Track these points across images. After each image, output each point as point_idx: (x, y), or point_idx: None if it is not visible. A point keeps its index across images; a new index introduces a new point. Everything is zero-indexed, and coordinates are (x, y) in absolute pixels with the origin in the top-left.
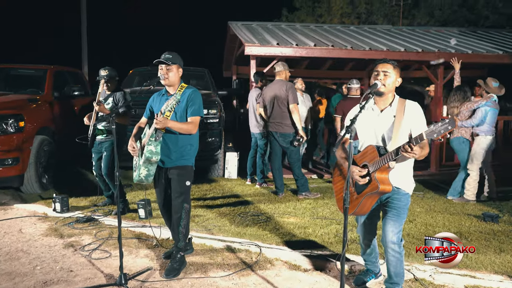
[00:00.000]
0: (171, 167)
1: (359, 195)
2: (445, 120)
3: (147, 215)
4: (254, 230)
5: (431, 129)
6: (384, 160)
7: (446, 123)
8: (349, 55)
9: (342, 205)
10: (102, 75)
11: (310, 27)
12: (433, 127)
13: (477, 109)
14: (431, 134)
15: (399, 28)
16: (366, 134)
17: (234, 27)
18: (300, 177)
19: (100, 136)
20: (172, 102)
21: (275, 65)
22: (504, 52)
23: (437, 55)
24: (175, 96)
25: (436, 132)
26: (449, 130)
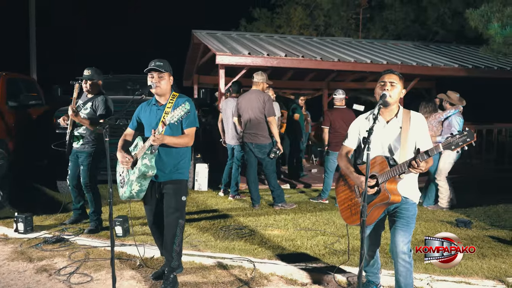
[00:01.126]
0: (166, 182)
1: (367, 205)
2: (463, 132)
3: (125, 233)
4: (242, 244)
5: (448, 141)
6: (395, 171)
7: (464, 135)
8: (319, 66)
9: (347, 216)
10: (84, 75)
11: (274, 37)
12: (451, 139)
13: (450, 119)
14: (448, 147)
15: (358, 41)
16: (372, 145)
17: (199, 35)
18: (276, 188)
19: (76, 143)
20: (180, 113)
21: (254, 74)
22: (460, 66)
23: (401, 67)
24: (183, 107)
25: (454, 144)
26: (467, 142)
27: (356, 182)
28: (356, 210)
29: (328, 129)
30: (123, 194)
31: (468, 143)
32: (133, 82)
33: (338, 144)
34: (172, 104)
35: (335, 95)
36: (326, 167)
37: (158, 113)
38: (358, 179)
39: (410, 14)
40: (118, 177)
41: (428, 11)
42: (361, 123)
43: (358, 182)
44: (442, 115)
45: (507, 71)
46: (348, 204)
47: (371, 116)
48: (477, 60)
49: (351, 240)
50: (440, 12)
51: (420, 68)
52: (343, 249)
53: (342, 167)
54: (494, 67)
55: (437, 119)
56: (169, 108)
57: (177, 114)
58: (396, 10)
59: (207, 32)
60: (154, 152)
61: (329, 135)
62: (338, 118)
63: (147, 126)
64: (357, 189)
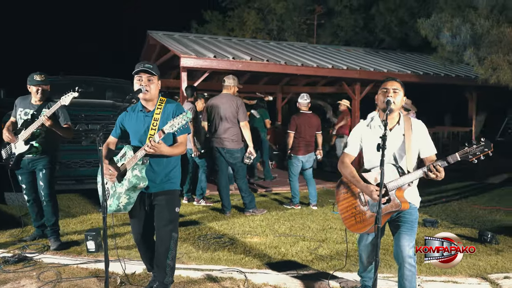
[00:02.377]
0: (157, 193)
1: (374, 213)
2: (480, 141)
3: (98, 248)
4: (227, 254)
5: (465, 151)
6: (408, 179)
7: (482, 145)
8: (283, 70)
9: (351, 224)
10: (37, 80)
11: (232, 40)
12: (468, 149)
13: None
14: (465, 156)
15: (313, 46)
16: (376, 152)
17: (155, 36)
18: (247, 193)
19: (32, 154)
20: (181, 122)
21: (225, 78)
22: (412, 72)
23: (359, 72)
24: (184, 115)
25: (472, 154)
26: (485, 152)
27: (365, 191)
28: (362, 218)
29: (293, 133)
30: (108, 207)
31: (485, 153)
32: (88, 84)
33: (302, 148)
34: (161, 110)
35: (300, 100)
36: (291, 171)
37: (146, 120)
38: (367, 188)
39: (359, 21)
40: (101, 189)
41: (376, 19)
42: (362, 130)
43: (368, 191)
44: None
45: (452, 77)
46: (352, 212)
47: (372, 123)
48: (424, 67)
49: (334, 245)
50: (387, 21)
51: (377, 73)
52: (328, 254)
53: (347, 175)
54: (441, 74)
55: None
56: (158, 114)
57: (177, 122)
58: (346, 17)
59: (164, 33)
60: (146, 162)
61: (293, 139)
62: (304, 123)
63: (133, 134)
64: (362, 197)
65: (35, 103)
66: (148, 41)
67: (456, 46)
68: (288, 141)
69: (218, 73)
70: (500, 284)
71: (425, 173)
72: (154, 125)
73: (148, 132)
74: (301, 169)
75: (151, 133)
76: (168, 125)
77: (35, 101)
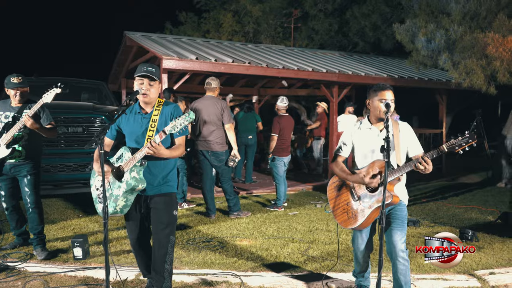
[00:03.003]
0: (154, 195)
1: (366, 207)
2: (465, 134)
3: (85, 254)
4: (219, 258)
5: (451, 142)
6: (398, 172)
7: (466, 137)
8: (264, 73)
9: (344, 219)
10: (15, 83)
11: (210, 42)
12: (454, 140)
13: None
14: (452, 148)
15: (291, 49)
16: (367, 153)
17: (133, 37)
18: (232, 196)
19: (15, 159)
20: (184, 123)
21: (209, 80)
22: (387, 76)
23: (338, 75)
24: (187, 116)
25: (457, 145)
26: (469, 143)
27: (356, 179)
28: (354, 213)
29: (277, 136)
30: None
31: (469, 144)
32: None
33: (285, 150)
34: (158, 111)
35: (279, 103)
36: (276, 173)
37: (143, 122)
38: (357, 176)
39: (334, 25)
40: (95, 192)
41: (350, 24)
42: (354, 132)
43: (358, 178)
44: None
45: (425, 81)
46: (344, 208)
47: (362, 126)
48: (398, 70)
49: (323, 245)
50: (361, 25)
51: (355, 77)
52: (319, 255)
53: (337, 171)
54: (415, 77)
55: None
56: (156, 116)
57: (179, 123)
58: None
59: (142, 34)
60: (144, 164)
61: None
62: (285, 125)
63: (130, 136)
64: (354, 193)
65: (15, 105)
66: (125, 41)
67: (431, 50)
68: (271, 144)
69: (195, 75)
70: (487, 279)
71: (415, 165)
72: (152, 126)
73: (146, 134)
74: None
75: (149, 135)
76: (170, 126)
77: (15, 103)
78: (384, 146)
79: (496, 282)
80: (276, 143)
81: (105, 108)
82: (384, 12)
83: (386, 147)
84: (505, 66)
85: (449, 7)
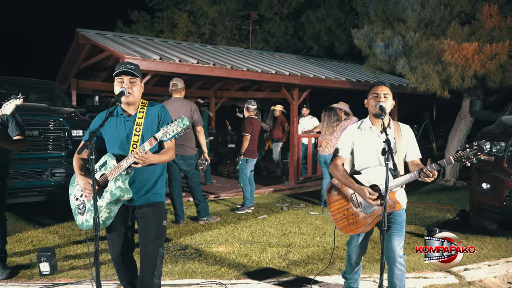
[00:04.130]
0: (142, 205)
1: (368, 215)
2: (473, 145)
3: (53, 270)
4: (199, 266)
5: (459, 154)
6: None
7: (474, 149)
8: (228, 75)
9: (344, 225)
10: None
11: (168, 42)
12: (462, 152)
13: None
14: (459, 160)
15: (249, 51)
16: (368, 154)
17: (87, 35)
18: (201, 201)
19: None
20: (177, 129)
21: (175, 81)
22: (346, 79)
23: (300, 78)
24: (180, 121)
25: (465, 158)
26: (477, 156)
27: (360, 193)
28: (355, 220)
29: (249, 136)
30: (84, 222)
31: (478, 156)
32: (11, 85)
33: (255, 151)
34: (143, 113)
35: (250, 106)
36: (244, 174)
37: (127, 125)
38: (362, 191)
39: (290, 29)
40: (74, 202)
41: (305, 28)
42: (354, 133)
43: (362, 194)
44: (351, 122)
45: None
46: (344, 214)
47: (362, 126)
48: (354, 74)
49: (301, 249)
50: (316, 29)
51: (316, 80)
52: (300, 259)
53: (339, 177)
54: (371, 81)
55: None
56: (141, 118)
57: (172, 130)
58: (276, 24)
59: (96, 32)
60: (131, 172)
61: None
62: (256, 127)
63: (113, 141)
64: (355, 199)
65: None
66: (77, 39)
67: (388, 56)
68: (244, 144)
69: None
70: (463, 275)
71: (421, 175)
72: (137, 130)
73: (131, 139)
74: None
75: (134, 140)
76: (161, 132)
77: None
78: (385, 149)
79: (472, 278)
80: (248, 145)
81: (62, 110)
82: (338, 17)
83: (388, 150)
84: (459, 71)
85: (404, 15)
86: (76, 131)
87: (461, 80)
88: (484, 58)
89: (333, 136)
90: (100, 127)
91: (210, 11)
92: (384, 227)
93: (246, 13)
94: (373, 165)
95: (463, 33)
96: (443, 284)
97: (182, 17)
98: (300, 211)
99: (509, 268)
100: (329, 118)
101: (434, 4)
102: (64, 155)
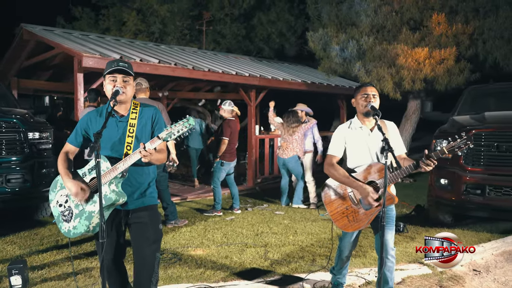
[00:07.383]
0: (136, 209)
1: (367, 211)
2: (463, 136)
3: (25, 283)
4: (182, 271)
5: (451, 145)
6: (400, 174)
7: (464, 139)
8: (190, 75)
9: (344, 224)
10: None
11: (121, 40)
12: (453, 142)
13: (313, 129)
14: (452, 150)
15: (204, 52)
16: (360, 152)
17: (34, 31)
18: (170, 204)
19: None
20: (182, 130)
21: (139, 80)
22: (302, 81)
23: (259, 79)
24: (186, 121)
25: (457, 147)
26: (467, 145)
27: (361, 191)
28: (355, 217)
29: (228, 139)
30: (71, 230)
31: (467, 145)
32: None
33: (233, 154)
34: (136, 114)
35: (227, 107)
36: (217, 177)
37: (120, 126)
38: (364, 190)
39: (242, 30)
40: (57, 208)
41: (257, 30)
42: (345, 132)
43: (364, 192)
44: (309, 127)
45: (332, 87)
46: (343, 212)
47: (352, 125)
48: (308, 76)
49: (279, 248)
50: (268, 32)
51: (274, 81)
52: (281, 258)
53: (339, 176)
54: (324, 83)
55: (306, 129)
56: (134, 119)
57: (177, 130)
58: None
59: (43, 28)
60: (125, 175)
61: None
62: (234, 129)
63: (104, 142)
64: (353, 197)
65: None
66: (21, 35)
67: (343, 59)
68: (221, 148)
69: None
70: (435, 266)
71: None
72: (131, 131)
73: (124, 140)
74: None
75: (128, 141)
76: (165, 132)
77: None
78: (384, 147)
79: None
80: (226, 148)
81: (16, 110)
82: (289, 21)
83: (387, 148)
84: (411, 75)
85: (358, 20)
86: (33, 134)
87: (412, 83)
88: (434, 63)
89: (293, 138)
90: (103, 129)
91: (161, 10)
92: (383, 222)
93: (197, 13)
94: (366, 163)
95: (414, 39)
96: (419, 275)
97: (131, 15)
98: (265, 211)
99: (472, 256)
100: (288, 120)
101: (386, 10)
102: (20, 159)
